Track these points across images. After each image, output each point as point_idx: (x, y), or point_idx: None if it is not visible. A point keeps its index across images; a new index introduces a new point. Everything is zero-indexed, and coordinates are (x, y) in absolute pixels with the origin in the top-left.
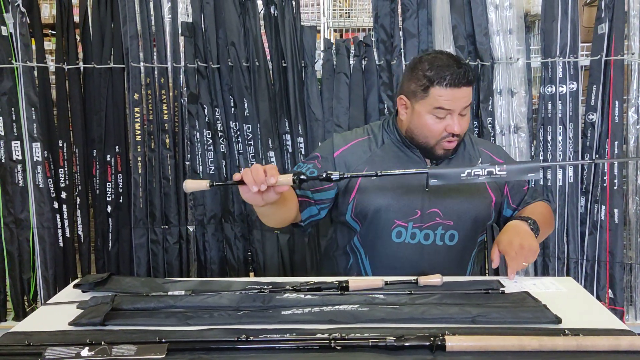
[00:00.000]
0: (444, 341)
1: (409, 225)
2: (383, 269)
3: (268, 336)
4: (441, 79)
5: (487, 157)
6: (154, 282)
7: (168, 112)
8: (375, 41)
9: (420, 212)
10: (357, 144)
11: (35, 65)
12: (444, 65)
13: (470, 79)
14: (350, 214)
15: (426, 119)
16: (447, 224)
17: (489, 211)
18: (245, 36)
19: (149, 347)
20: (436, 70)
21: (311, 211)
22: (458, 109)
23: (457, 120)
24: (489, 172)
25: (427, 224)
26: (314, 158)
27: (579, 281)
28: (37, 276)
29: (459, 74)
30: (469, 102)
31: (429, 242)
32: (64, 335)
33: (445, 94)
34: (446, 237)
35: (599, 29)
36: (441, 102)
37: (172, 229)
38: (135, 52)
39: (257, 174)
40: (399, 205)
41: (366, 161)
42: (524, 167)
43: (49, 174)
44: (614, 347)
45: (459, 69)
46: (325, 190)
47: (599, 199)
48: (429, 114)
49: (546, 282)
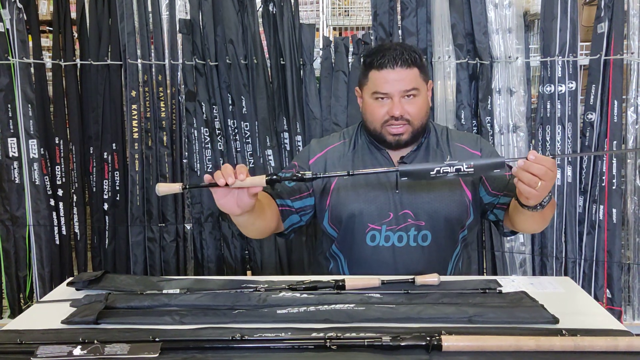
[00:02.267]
0: (440, 341)
1: (382, 228)
2: (361, 273)
3: (263, 335)
4: (375, 62)
5: (462, 151)
6: (149, 280)
7: (165, 110)
8: (374, 39)
9: (393, 215)
10: (332, 149)
11: (32, 62)
12: (380, 50)
13: (407, 60)
14: (327, 220)
15: (369, 104)
16: (419, 225)
17: (463, 209)
18: (243, 34)
19: (142, 346)
20: (374, 54)
21: (292, 220)
22: (396, 92)
23: (398, 103)
24: (457, 169)
25: (400, 226)
26: (292, 167)
27: (577, 281)
28: (33, 274)
29: (393, 55)
30: (410, 85)
31: (403, 244)
32: (57, 334)
33: (379, 76)
34: (419, 238)
35: (599, 28)
36: (377, 84)
37: (169, 227)
38: (133, 49)
39: (226, 172)
40: (371, 209)
41: (340, 166)
42: (490, 162)
43: (45, 171)
44: (612, 347)
45: (395, 52)
46: (304, 198)
47: (597, 198)
48: (371, 99)
49: (543, 282)
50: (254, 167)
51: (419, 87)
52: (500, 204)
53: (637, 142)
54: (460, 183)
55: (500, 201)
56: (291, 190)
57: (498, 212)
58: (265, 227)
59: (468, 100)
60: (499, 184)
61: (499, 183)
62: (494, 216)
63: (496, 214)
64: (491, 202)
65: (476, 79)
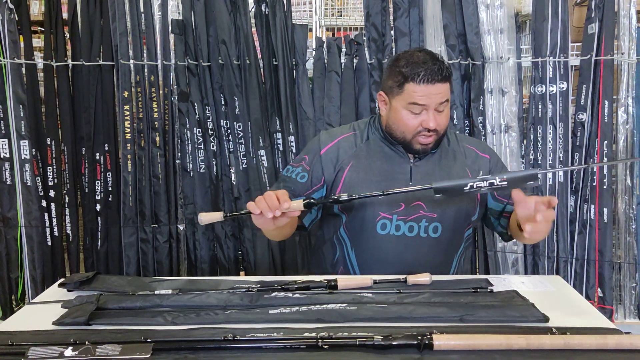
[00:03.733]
0: (431, 340)
1: (393, 218)
2: (368, 261)
3: (255, 335)
4: (415, 75)
5: (472, 153)
6: (141, 281)
7: (158, 110)
8: (366, 40)
9: (405, 205)
10: (343, 139)
11: (24, 62)
12: (418, 62)
13: (445, 75)
14: (337, 207)
15: (402, 114)
16: (431, 217)
17: (472, 204)
18: (236, 34)
19: (133, 347)
20: (411, 66)
21: (311, 216)
22: (433, 105)
23: (433, 116)
24: (490, 183)
25: (412, 217)
26: (301, 160)
27: (569, 280)
28: (25, 275)
29: (433, 70)
30: (444, 98)
31: (413, 234)
32: (48, 335)
33: (419, 90)
34: (430, 230)
35: (589, 28)
36: (415, 97)
37: (162, 228)
38: (125, 50)
39: (271, 202)
40: (383, 199)
41: (352, 155)
42: (523, 175)
43: (37, 172)
44: (601, 345)
45: (433, 66)
46: (316, 191)
47: (589, 198)
48: (405, 110)
49: (534, 281)
50: (247, 168)
51: (449, 99)
52: (506, 212)
53: (627, 142)
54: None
55: (506, 209)
56: (304, 186)
57: (503, 222)
58: (290, 232)
59: (460, 101)
60: (505, 191)
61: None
62: (501, 227)
63: (502, 224)
64: (495, 208)
65: (468, 79)
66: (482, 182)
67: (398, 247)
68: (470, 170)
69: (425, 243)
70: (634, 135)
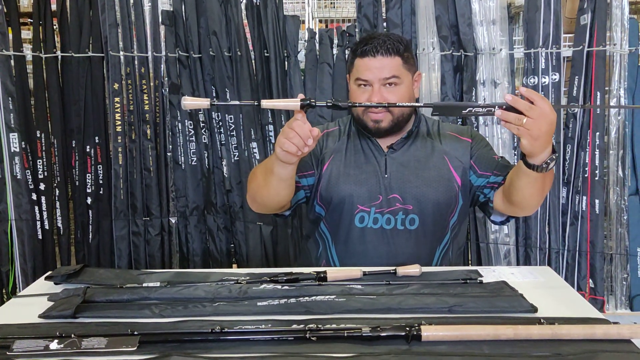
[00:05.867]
0: (419, 331)
1: (371, 210)
2: (348, 254)
3: (243, 327)
4: (360, 50)
5: (452, 139)
6: (129, 273)
7: (149, 103)
8: (358, 31)
9: (382, 197)
10: (331, 132)
11: (12, 54)
12: (367, 38)
13: (390, 49)
14: (316, 200)
15: (353, 90)
16: (407, 209)
17: (452, 194)
18: (227, 25)
19: (120, 340)
20: (359, 43)
21: (299, 196)
22: (376, 80)
23: (378, 91)
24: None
25: (389, 209)
26: None
27: (560, 271)
28: (15, 269)
29: (377, 43)
30: (391, 73)
31: (390, 227)
32: (34, 328)
33: (361, 63)
34: (407, 222)
35: (582, 19)
36: (360, 71)
37: (153, 221)
38: (115, 41)
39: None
40: (362, 191)
41: (334, 149)
42: None
43: (26, 165)
44: (589, 335)
45: (379, 40)
46: (308, 177)
47: (580, 189)
48: (354, 85)
49: (524, 272)
50: (239, 160)
51: (400, 76)
52: (490, 183)
53: (619, 134)
54: (449, 168)
55: (490, 180)
56: (299, 167)
57: (487, 192)
58: (287, 197)
59: (452, 92)
60: (488, 165)
61: (488, 163)
62: (483, 196)
63: (485, 193)
64: (481, 183)
65: (460, 70)
66: (480, 109)
67: (376, 240)
68: (449, 158)
69: (403, 235)
70: (626, 127)
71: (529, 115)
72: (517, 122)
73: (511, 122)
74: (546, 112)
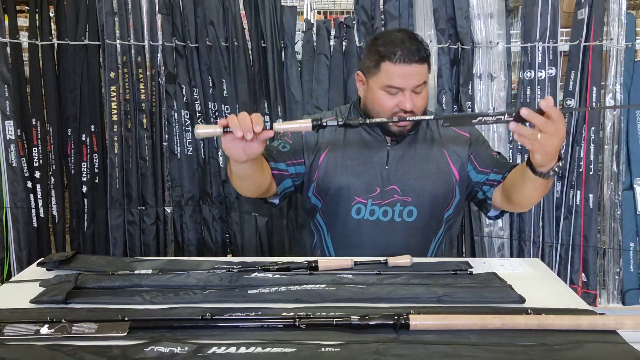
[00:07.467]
0: (407, 320)
1: (368, 202)
2: (343, 246)
3: (233, 315)
4: (392, 55)
5: (451, 133)
6: (121, 261)
7: (145, 92)
8: (356, 23)
9: (380, 189)
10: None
11: (8, 41)
12: (396, 42)
13: (422, 56)
14: (312, 191)
15: (378, 95)
16: (406, 201)
17: (449, 187)
18: (224, 15)
19: (110, 325)
20: (388, 46)
21: (285, 184)
22: (409, 87)
23: (409, 98)
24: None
25: (386, 201)
26: (284, 136)
27: (554, 265)
28: (10, 256)
29: (410, 50)
30: (421, 80)
31: (387, 219)
32: (25, 313)
33: (395, 70)
34: (404, 214)
35: (579, 14)
36: (392, 78)
37: (149, 210)
38: (111, 29)
39: (245, 124)
40: (359, 183)
41: (330, 140)
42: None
43: (22, 153)
44: (575, 326)
45: (411, 46)
46: (297, 165)
47: (575, 184)
48: (381, 90)
49: (514, 263)
50: None
51: (426, 80)
52: (489, 180)
53: (614, 129)
54: (448, 162)
55: (489, 178)
56: (286, 155)
57: (487, 189)
58: (262, 182)
59: (449, 85)
60: (488, 162)
61: (487, 160)
62: (482, 193)
63: (484, 190)
64: (480, 180)
65: (457, 63)
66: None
67: (372, 232)
68: (448, 152)
69: (400, 227)
70: (621, 122)
71: (545, 131)
72: (532, 138)
73: (526, 137)
74: (560, 129)
